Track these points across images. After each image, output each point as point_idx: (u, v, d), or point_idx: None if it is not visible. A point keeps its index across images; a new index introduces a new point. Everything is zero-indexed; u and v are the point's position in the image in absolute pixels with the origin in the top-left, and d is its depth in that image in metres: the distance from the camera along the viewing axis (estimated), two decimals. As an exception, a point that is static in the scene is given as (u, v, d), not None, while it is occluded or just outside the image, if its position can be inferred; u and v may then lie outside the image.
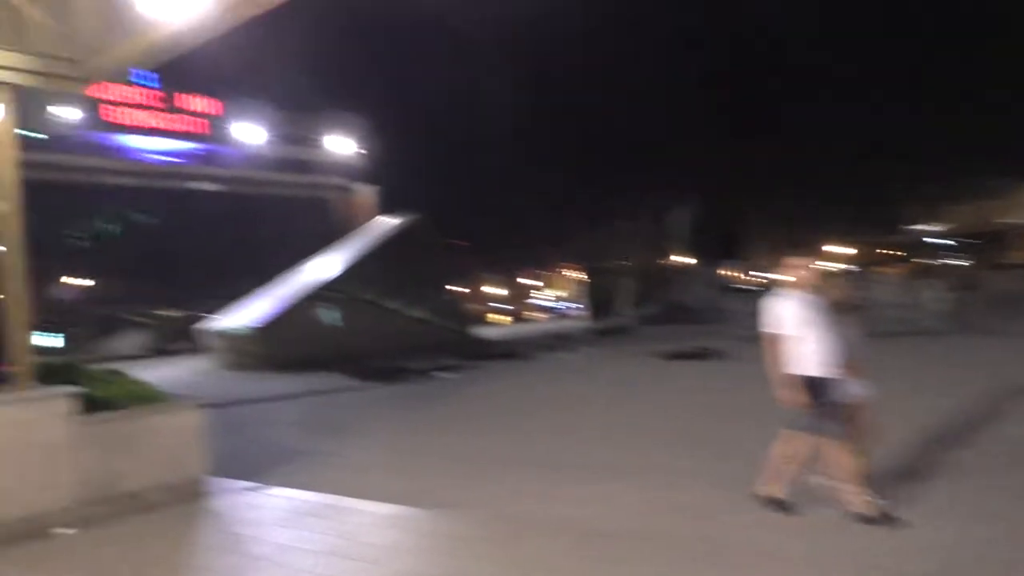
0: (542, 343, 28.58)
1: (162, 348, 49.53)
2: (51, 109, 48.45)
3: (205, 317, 32.56)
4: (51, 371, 8.11)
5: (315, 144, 63.06)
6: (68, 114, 49.58)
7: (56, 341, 50.35)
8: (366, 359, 23.08)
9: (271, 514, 7.29)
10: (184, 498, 7.53)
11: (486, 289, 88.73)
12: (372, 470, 9.35)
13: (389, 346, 26.32)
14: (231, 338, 27.63)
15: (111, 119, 52.44)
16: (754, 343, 7.35)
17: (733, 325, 24.67)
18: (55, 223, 49.92)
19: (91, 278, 53.37)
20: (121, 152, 53.45)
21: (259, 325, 26.05)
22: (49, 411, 6.80)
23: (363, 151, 65.26)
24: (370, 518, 6.94)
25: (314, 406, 15.91)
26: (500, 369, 20.82)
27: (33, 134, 48.24)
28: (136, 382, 8.01)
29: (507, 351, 25.59)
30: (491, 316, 78.58)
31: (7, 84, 7.04)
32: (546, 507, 7.08)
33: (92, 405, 7.20)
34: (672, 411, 12.24)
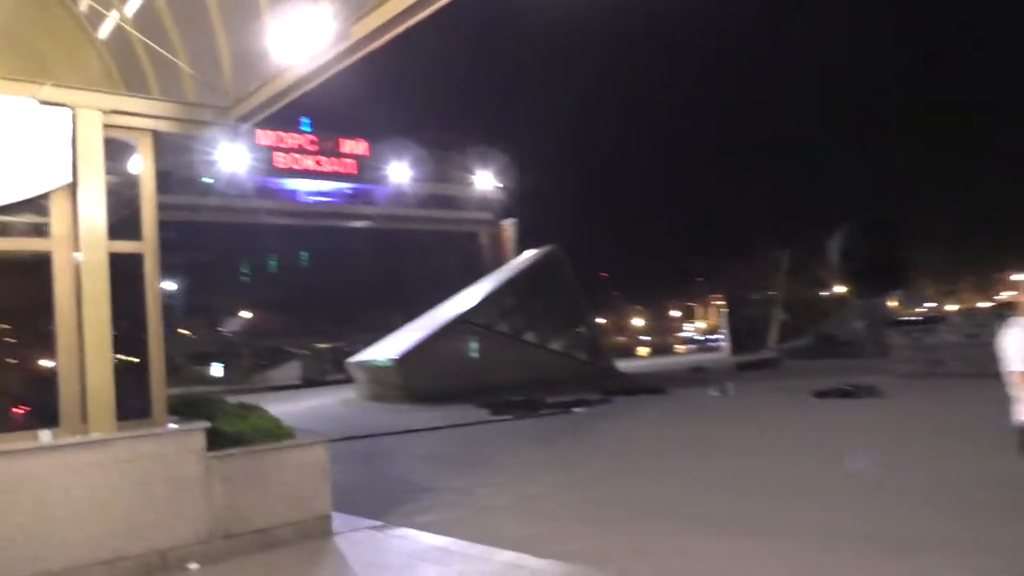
0: (681, 377, 27.56)
1: (314, 379, 51.98)
2: (216, 155, 52.28)
3: (354, 349, 33.82)
4: (188, 404, 8.38)
5: (459, 180, 64.69)
6: (231, 160, 53.30)
7: (217, 370, 54.01)
8: (502, 392, 23.06)
9: (392, 558, 7.10)
10: (310, 535, 7.50)
11: (628, 321, 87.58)
12: (497, 511, 9.03)
13: (526, 379, 26.26)
14: (373, 370, 28.39)
15: (271, 164, 55.85)
16: (916, 381, 6.49)
17: (894, 361, 22.76)
18: (220, 261, 53.83)
19: (252, 312, 56.96)
20: (279, 193, 56.87)
21: (398, 358, 26.62)
22: (182, 446, 6.94)
23: (506, 186, 66.29)
24: (487, 565, 6.60)
25: (446, 439, 15.87)
26: (636, 405, 20.11)
27: (204, 179, 52.38)
28: (267, 417, 8.11)
29: (644, 385, 24.80)
30: (632, 348, 77.43)
31: (150, 131, 7.36)
32: (676, 567, 6.49)
33: (222, 440, 7.32)
34: (820, 455, 11.22)
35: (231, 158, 52.78)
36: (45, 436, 6.52)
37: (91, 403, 6.68)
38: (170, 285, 53.35)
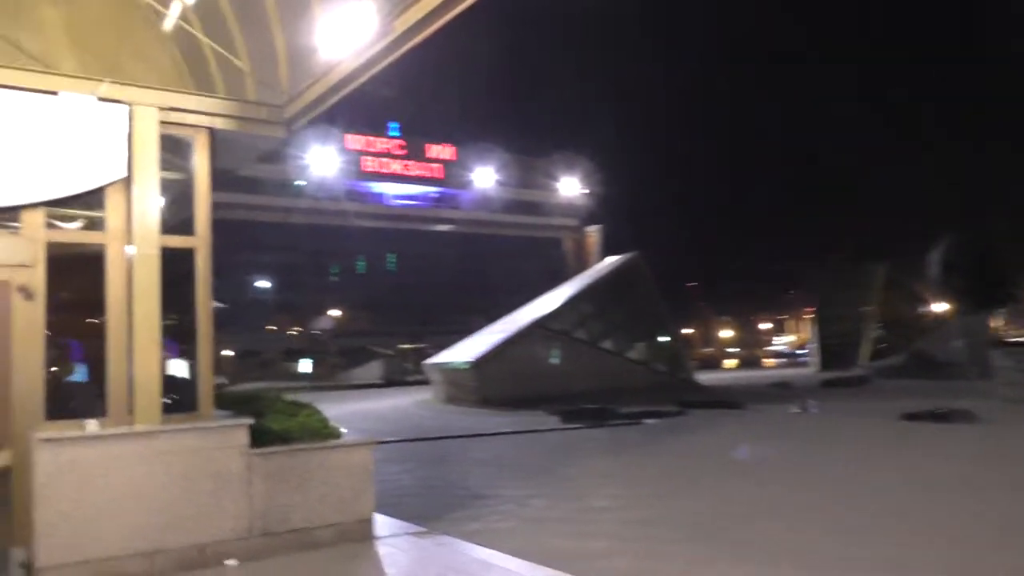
0: (762, 392, 26.54)
1: (396, 379, 52.76)
2: (308, 160, 53.81)
3: (436, 351, 34.07)
4: (239, 400, 8.42)
5: (545, 186, 64.62)
6: (322, 164, 54.71)
7: (306, 367, 55.50)
8: (576, 399, 22.71)
9: (429, 567, 6.90)
10: (350, 538, 7.37)
11: (715, 332, 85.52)
12: (548, 523, 8.72)
13: (601, 387, 25.80)
14: (449, 372, 28.46)
15: (360, 168, 57.03)
16: (1020, 406, 5.84)
17: (997, 384, 21.21)
18: (310, 261, 55.34)
19: (339, 311, 58.33)
20: (367, 197, 58.05)
21: (474, 361, 26.59)
22: (226, 441, 6.92)
23: (592, 192, 65.87)
24: (520, 583, 6.31)
25: (511, 445, 15.63)
26: (711, 419, 19.39)
27: (297, 183, 53.98)
28: (316, 416, 8.04)
29: (723, 399, 23.95)
30: (718, 360, 75.60)
31: (205, 128, 7.42)
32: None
33: (269, 437, 7.28)
34: (906, 484, 10.43)
35: (322, 162, 54.25)
36: (92, 426, 6.61)
37: (138, 395, 6.75)
38: (263, 283, 55.32)
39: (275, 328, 55.17)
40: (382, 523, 7.90)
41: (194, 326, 7.16)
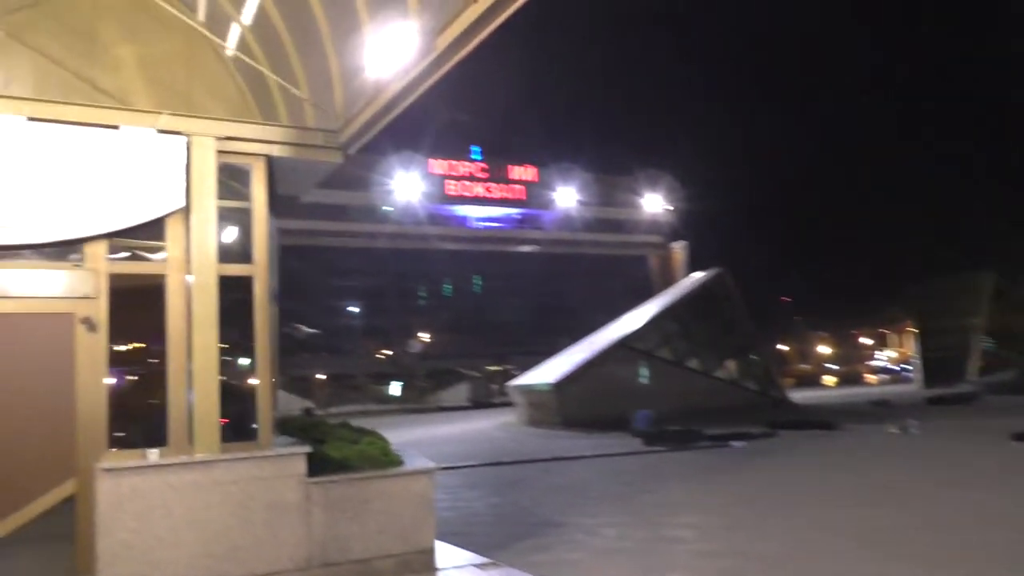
0: (861, 410, 25.19)
1: (482, 400, 52.92)
2: (392, 185, 54.87)
3: (521, 372, 33.92)
4: (301, 427, 8.39)
5: (628, 203, 63.95)
6: (406, 189, 55.67)
7: (396, 390, 56.32)
8: (661, 421, 22.14)
9: (488, 599, 6.65)
10: (411, 569, 7.19)
11: (812, 348, 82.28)
12: (620, 555, 8.32)
13: (687, 408, 25.11)
14: (531, 394, 28.22)
15: (443, 191, 57.74)
16: None
17: None
18: (396, 285, 56.27)
19: (426, 334, 59.02)
20: (450, 220, 58.70)
21: (555, 383, 26.26)
22: (283, 470, 6.86)
23: (677, 208, 64.82)
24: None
25: (590, 470, 15.21)
26: (804, 441, 18.45)
27: (383, 208, 55.12)
28: (377, 443, 7.92)
29: (817, 419, 22.82)
30: (816, 377, 72.70)
31: (263, 156, 7.46)
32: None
33: (328, 465, 7.20)
34: (1008, 514, 9.54)
35: (406, 188, 55.25)
36: (153, 455, 6.66)
37: (197, 424, 6.76)
38: (352, 308, 56.58)
39: (365, 351, 56.23)
40: (446, 553, 7.71)
41: (252, 355, 7.15)
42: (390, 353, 57.75)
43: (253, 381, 7.40)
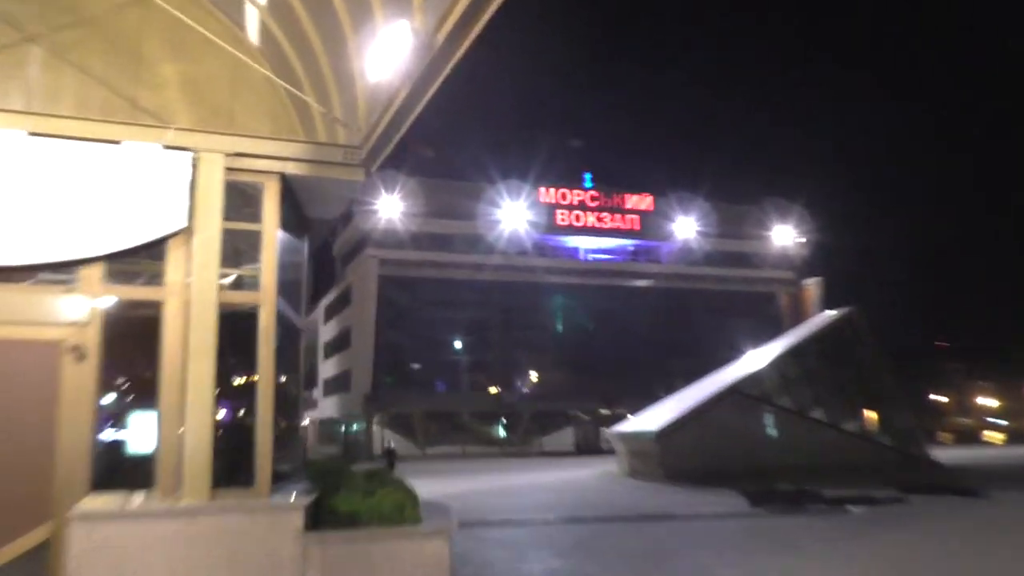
0: (1020, 474, 22.65)
1: (587, 446, 51.64)
2: (500, 215, 55.00)
3: (632, 415, 32.75)
4: (320, 472, 7.97)
5: (754, 235, 61.68)
6: (514, 219, 55.68)
7: (499, 432, 55.90)
8: (775, 476, 20.67)
9: None
10: (423, 644, 6.58)
11: (973, 399, 76.18)
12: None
13: (809, 463, 23.41)
14: (632, 442, 27.11)
15: (553, 221, 57.42)
16: None
17: None
18: (501, 319, 56.10)
19: (533, 372, 58.41)
20: (559, 251, 58.26)
21: (658, 431, 25.05)
22: (277, 524, 6.41)
23: (811, 240, 62.00)
24: None
25: (677, 533, 14.09)
26: (942, 510, 16.57)
27: (488, 238, 55.34)
28: (394, 496, 7.37)
29: (962, 483, 20.63)
30: (977, 432, 67.27)
31: (276, 174, 7.18)
32: None
33: (336, 519, 6.73)
34: None
35: (514, 217, 55.30)
36: (137, 499, 6.37)
37: (187, 466, 6.46)
38: (455, 342, 56.81)
39: (469, 388, 56.22)
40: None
41: (253, 390, 6.80)
42: (496, 390, 57.52)
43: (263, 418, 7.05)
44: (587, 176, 58.14)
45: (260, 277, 7.02)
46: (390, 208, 52.07)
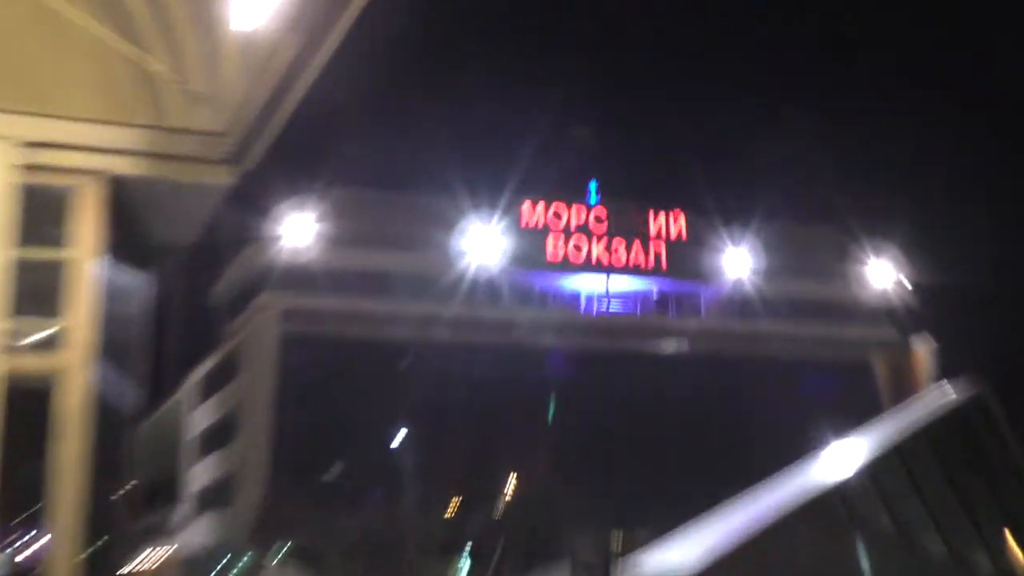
0: None
1: (594, 592, 51.02)
2: (465, 247, 55.08)
3: (656, 541, 32.42)
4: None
5: (836, 276, 62.37)
6: (489, 247, 55.77)
7: (461, 570, 55.16)
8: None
9: None
10: None
11: None
12: None
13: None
14: (656, 585, 26.84)
15: (543, 255, 57.60)
16: None
17: None
18: (466, 399, 55.88)
19: (512, 475, 58.05)
20: (554, 297, 58.41)
21: (693, 570, 24.83)
22: None
23: (921, 284, 62.66)
24: None
25: None
26: None
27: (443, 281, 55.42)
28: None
29: None
30: None
31: (95, 174, 7.01)
32: None
33: None
34: None
35: (485, 247, 55.42)
36: None
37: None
38: (398, 434, 56.43)
39: (418, 504, 55.75)
40: None
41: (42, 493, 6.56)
42: (457, 506, 57.21)
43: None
44: (592, 186, 58.59)
45: (67, 330, 6.78)
46: (298, 233, 52.05)
